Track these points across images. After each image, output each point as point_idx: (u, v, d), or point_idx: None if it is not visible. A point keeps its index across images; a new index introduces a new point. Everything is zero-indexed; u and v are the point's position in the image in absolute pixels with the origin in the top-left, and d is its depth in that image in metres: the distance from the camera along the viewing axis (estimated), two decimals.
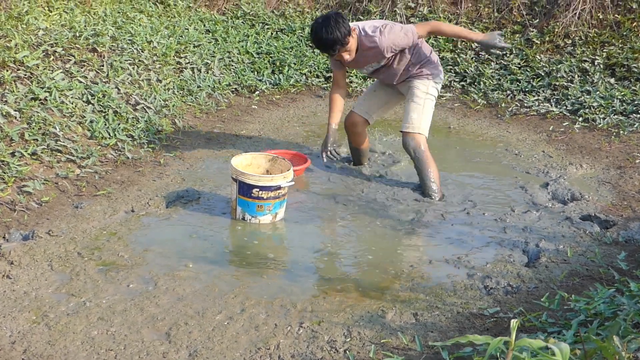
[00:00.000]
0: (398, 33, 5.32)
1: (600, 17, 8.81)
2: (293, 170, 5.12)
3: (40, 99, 5.84)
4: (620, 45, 8.42)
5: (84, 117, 5.95)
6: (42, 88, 5.94)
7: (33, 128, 5.49)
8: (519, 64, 8.61)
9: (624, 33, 8.57)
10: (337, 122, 5.68)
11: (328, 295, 3.84)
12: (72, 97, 6.08)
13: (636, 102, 7.36)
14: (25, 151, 5.22)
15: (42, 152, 5.32)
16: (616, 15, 8.74)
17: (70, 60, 6.60)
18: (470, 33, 5.75)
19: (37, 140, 5.42)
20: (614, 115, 7.23)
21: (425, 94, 5.61)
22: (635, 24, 8.60)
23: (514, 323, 1.86)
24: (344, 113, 5.89)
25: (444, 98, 8.27)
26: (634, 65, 8.02)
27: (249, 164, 5.16)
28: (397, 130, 6.20)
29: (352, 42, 5.24)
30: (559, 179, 5.78)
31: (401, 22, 9.44)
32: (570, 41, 8.73)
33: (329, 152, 5.61)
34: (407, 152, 5.58)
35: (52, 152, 5.42)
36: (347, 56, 5.30)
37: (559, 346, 1.76)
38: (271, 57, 8.90)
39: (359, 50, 5.37)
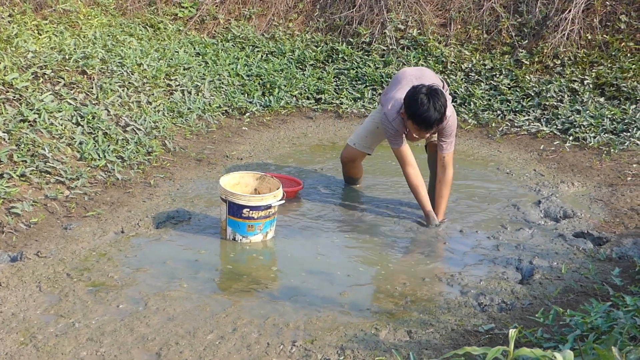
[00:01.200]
0: (455, 118, 5.17)
1: (589, 37, 8.86)
2: (286, 192, 5.10)
3: (29, 121, 5.80)
4: (609, 65, 8.46)
5: (74, 138, 5.91)
6: (31, 110, 5.90)
7: (22, 150, 5.44)
8: (509, 84, 8.62)
9: (613, 53, 8.61)
10: (431, 208, 5.34)
11: (321, 314, 3.80)
12: (61, 119, 6.05)
13: (626, 121, 7.38)
14: (14, 172, 5.17)
15: (30, 174, 5.27)
16: (604, 36, 8.79)
17: (60, 82, 6.57)
18: (437, 211, 5.36)
19: (25, 161, 5.37)
20: (605, 133, 7.23)
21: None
22: (623, 44, 8.64)
23: (512, 332, 1.82)
24: (338, 145, 5.75)
25: None
26: (623, 84, 8.05)
27: (237, 183, 5.12)
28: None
29: None
30: (551, 197, 5.76)
31: (391, 45, 9.47)
32: (559, 61, 8.76)
33: None
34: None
35: (41, 173, 5.37)
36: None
37: (563, 354, 1.72)
38: (261, 79, 8.90)
39: None
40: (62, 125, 5.97)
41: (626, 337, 2.84)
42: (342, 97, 8.67)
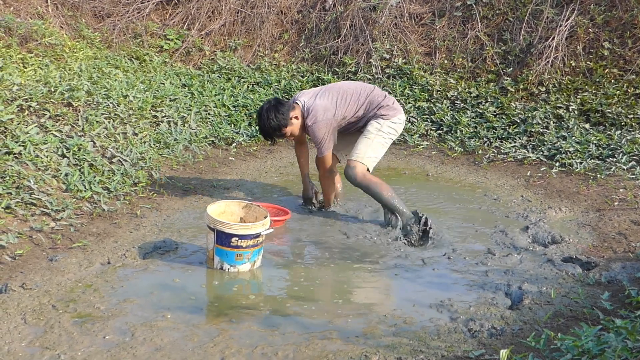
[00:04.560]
0: (320, 127, 5.65)
1: (573, 64, 8.93)
2: (274, 221, 5.07)
3: (15, 153, 5.77)
4: (593, 92, 8.52)
5: (59, 170, 5.87)
6: (17, 142, 5.87)
7: (7, 182, 5.40)
8: (495, 111, 8.67)
9: (597, 79, 8.68)
10: (307, 171, 6.24)
11: (310, 342, 3.75)
12: (46, 151, 6.01)
13: (612, 146, 7.42)
14: None
15: (16, 206, 5.22)
16: (588, 63, 8.86)
17: (45, 114, 6.55)
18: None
19: (10, 194, 5.32)
20: (591, 159, 7.27)
21: (378, 130, 5.79)
22: (607, 70, 8.71)
23: (504, 353, 1.80)
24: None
25: (421, 147, 8.30)
26: (608, 110, 8.11)
27: (223, 212, 5.09)
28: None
29: (291, 128, 5.73)
30: (539, 223, 5.76)
31: (376, 74, 9.51)
32: (544, 88, 8.82)
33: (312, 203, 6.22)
34: (348, 180, 5.76)
35: (27, 205, 5.32)
36: (289, 136, 5.79)
37: None
38: (248, 109, 8.91)
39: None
40: (47, 157, 5.94)
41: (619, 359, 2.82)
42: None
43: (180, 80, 9.38)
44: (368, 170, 5.74)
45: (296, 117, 5.64)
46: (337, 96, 5.74)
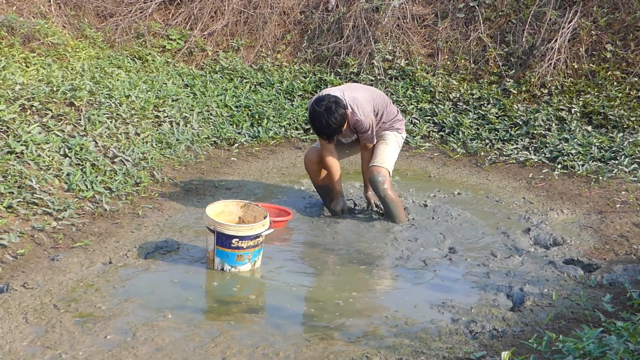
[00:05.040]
0: (369, 119, 5.68)
1: (576, 66, 8.92)
2: (275, 223, 5.08)
3: (17, 153, 5.77)
4: (596, 94, 8.51)
5: (61, 170, 5.88)
6: (19, 142, 5.88)
7: (9, 181, 5.40)
8: (497, 113, 8.66)
9: (599, 82, 8.67)
10: (340, 188, 6.06)
11: (311, 343, 3.76)
12: (48, 151, 6.02)
13: (614, 149, 7.41)
14: (1, 204, 5.12)
15: (17, 205, 5.22)
16: (591, 65, 8.86)
17: (48, 114, 6.55)
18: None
19: (12, 193, 5.33)
20: (593, 161, 7.25)
21: (396, 141, 5.96)
22: (609, 72, 8.70)
23: (504, 355, 1.80)
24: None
25: (423, 148, 8.29)
26: (610, 112, 8.10)
27: (221, 212, 5.08)
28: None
29: (345, 125, 5.63)
30: (541, 225, 5.76)
31: (379, 75, 9.51)
32: (546, 90, 8.81)
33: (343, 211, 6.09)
34: (374, 186, 5.74)
35: (28, 204, 5.32)
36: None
37: None
38: (250, 110, 8.90)
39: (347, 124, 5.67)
40: (49, 157, 5.94)
41: None
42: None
43: (182, 80, 9.37)
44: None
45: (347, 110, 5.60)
46: (367, 91, 5.85)
